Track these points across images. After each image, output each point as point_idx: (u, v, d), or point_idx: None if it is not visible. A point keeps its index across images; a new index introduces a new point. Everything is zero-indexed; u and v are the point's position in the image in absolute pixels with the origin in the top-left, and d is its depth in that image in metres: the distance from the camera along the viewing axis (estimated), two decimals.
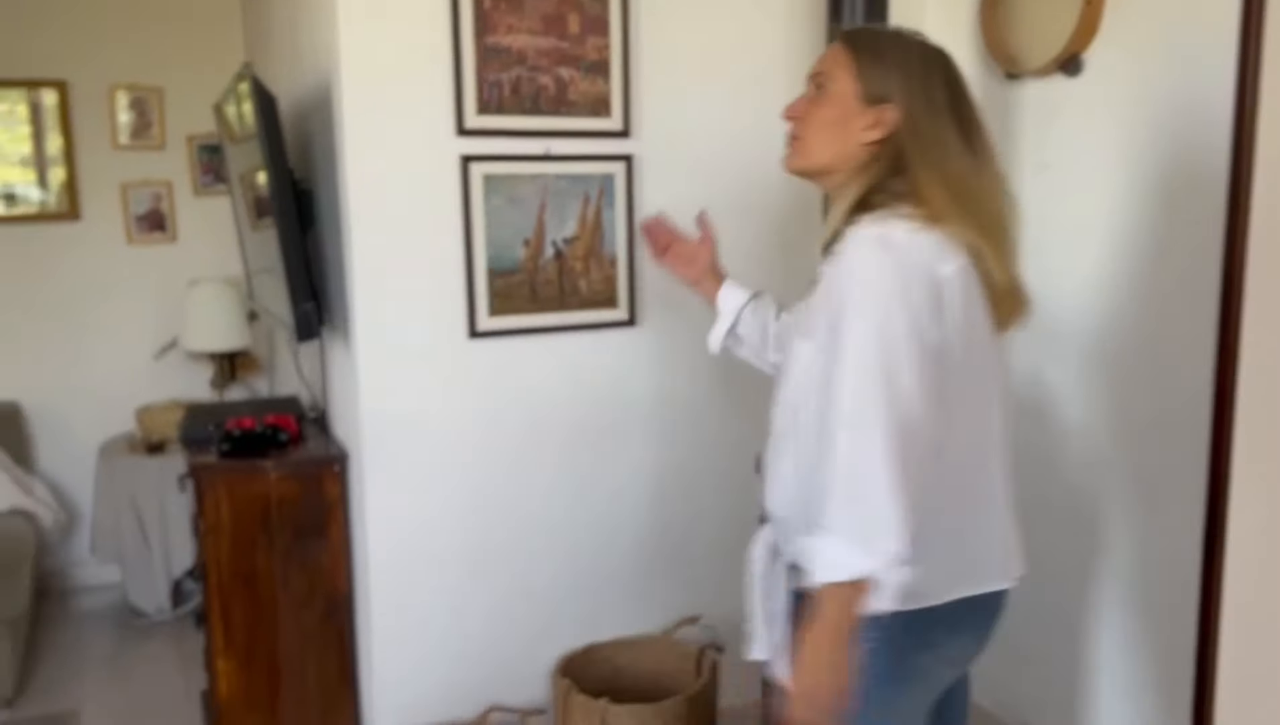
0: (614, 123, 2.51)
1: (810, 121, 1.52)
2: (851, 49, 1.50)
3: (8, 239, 3.69)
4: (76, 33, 3.68)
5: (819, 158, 1.52)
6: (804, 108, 1.54)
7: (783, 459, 1.54)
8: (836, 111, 1.48)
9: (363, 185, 2.32)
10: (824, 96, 1.50)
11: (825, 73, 1.52)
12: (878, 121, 1.46)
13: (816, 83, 1.53)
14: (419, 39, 2.31)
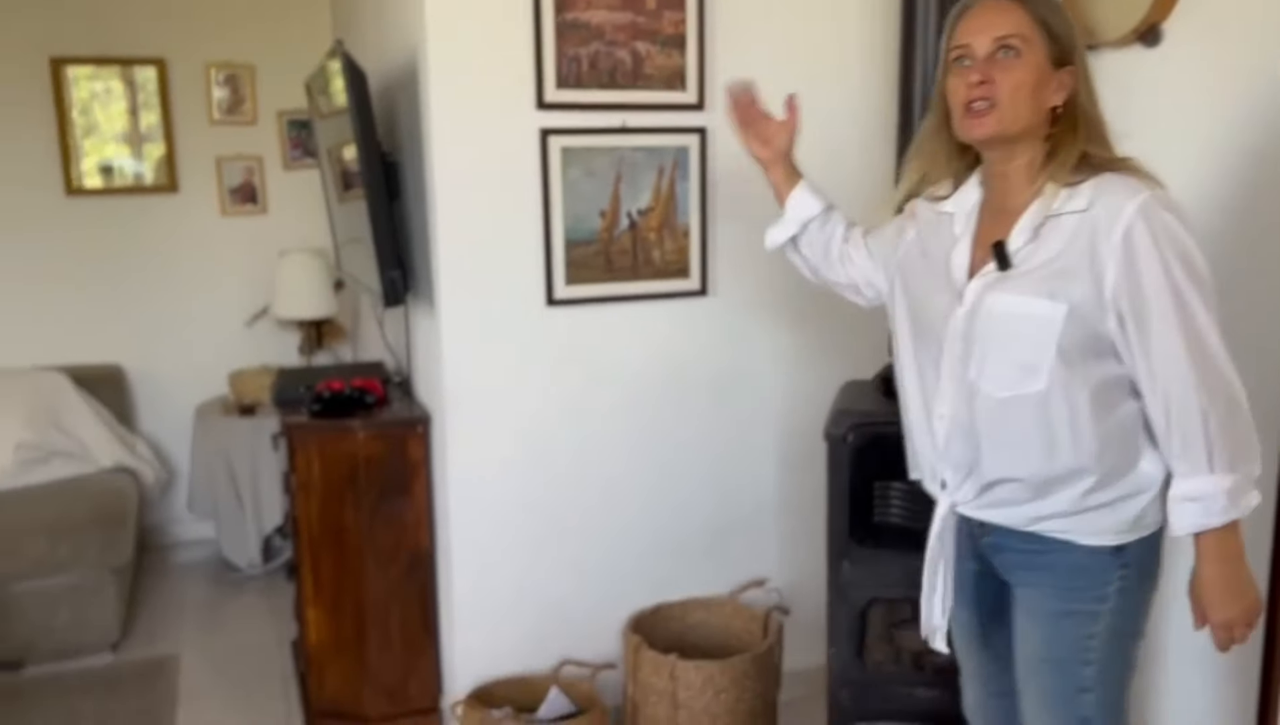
0: (689, 96, 2.57)
1: (1006, 87, 1.47)
2: (1033, 12, 1.48)
3: (110, 211, 3.88)
4: (174, 13, 3.84)
5: (1018, 123, 1.48)
6: (995, 73, 1.48)
7: (1018, 421, 1.51)
8: (1034, 76, 1.47)
9: (447, 158, 2.42)
10: (1018, 61, 1.47)
11: (1018, 35, 1.48)
12: (1062, 84, 1.48)
13: (1005, 45, 1.48)
14: (501, 15, 2.39)
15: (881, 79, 2.71)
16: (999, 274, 1.51)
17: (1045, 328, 1.46)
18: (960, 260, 1.59)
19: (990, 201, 1.59)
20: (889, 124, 2.64)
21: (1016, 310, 1.48)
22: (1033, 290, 1.47)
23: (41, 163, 3.77)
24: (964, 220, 1.62)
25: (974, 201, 1.62)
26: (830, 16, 2.67)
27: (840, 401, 2.33)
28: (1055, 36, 1.47)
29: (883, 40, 2.69)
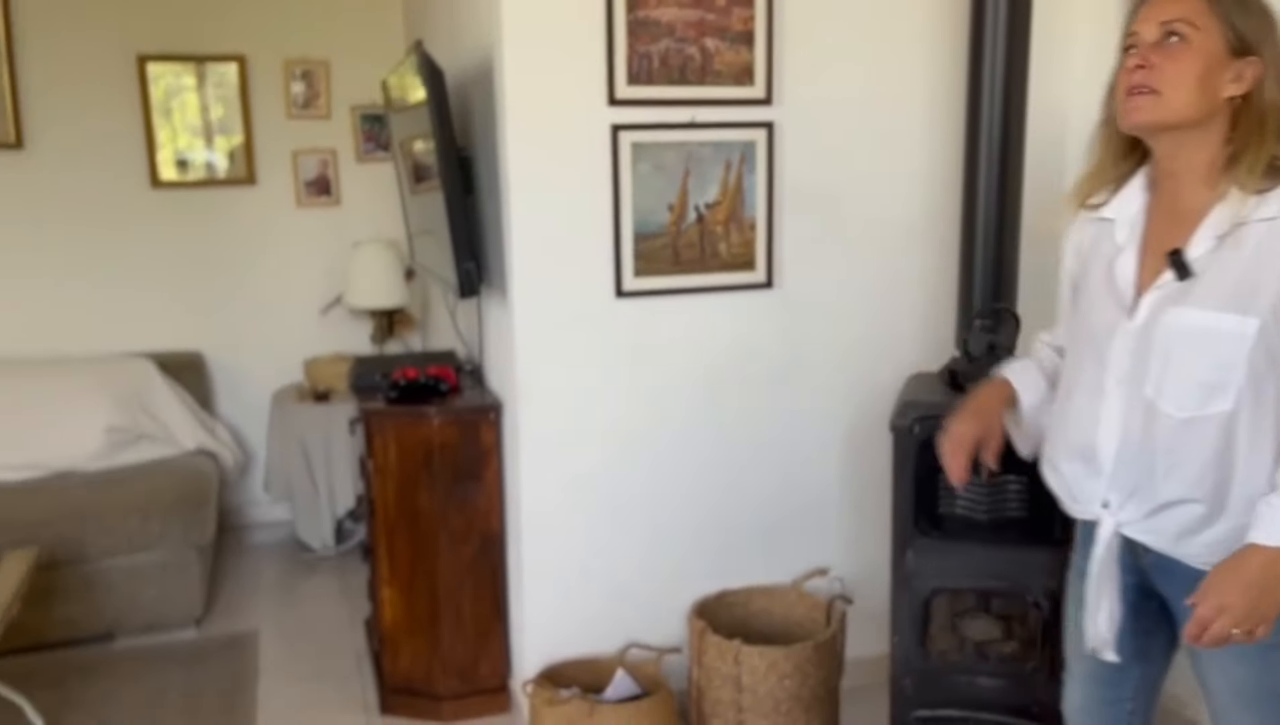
0: (757, 91, 2.60)
1: (1168, 73, 1.41)
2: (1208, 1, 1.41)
3: (191, 202, 4.03)
4: (254, 12, 3.97)
5: (1181, 112, 1.41)
6: (1158, 58, 1.42)
7: (1199, 441, 1.43)
8: (1201, 63, 1.40)
9: (521, 154, 2.48)
10: (1185, 47, 1.41)
11: (1185, 20, 1.41)
12: (1240, 75, 1.40)
13: (1172, 31, 1.42)
14: (575, 15, 2.45)
15: (950, 73, 2.72)
16: (1178, 285, 1.43)
17: (1234, 344, 1.38)
18: (1125, 270, 1.51)
19: (1159, 205, 1.50)
20: (956, 118, 2.66)
21: (1201, 325, 1.40)
22: (1219, 304, 1.39)
23: (128, 156, 3.92)
24: (1128, 227, 1.53)
25: (1139, 206, 1.53)
26: (897, 8, 2.68)
27: (906, 393, 2.36)
28: (1233, 23, 1.39)
29: (950, 24, 2.70)
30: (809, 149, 2.67)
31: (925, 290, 2.80)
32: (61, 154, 3.83)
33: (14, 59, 3.71)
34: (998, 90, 2.34)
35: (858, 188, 2.73)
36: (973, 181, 2.39)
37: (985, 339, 2.27)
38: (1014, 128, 2.36)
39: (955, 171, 2.64)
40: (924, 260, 2.80)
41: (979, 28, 2.33)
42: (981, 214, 2.37)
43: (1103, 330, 1.51)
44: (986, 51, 2.33)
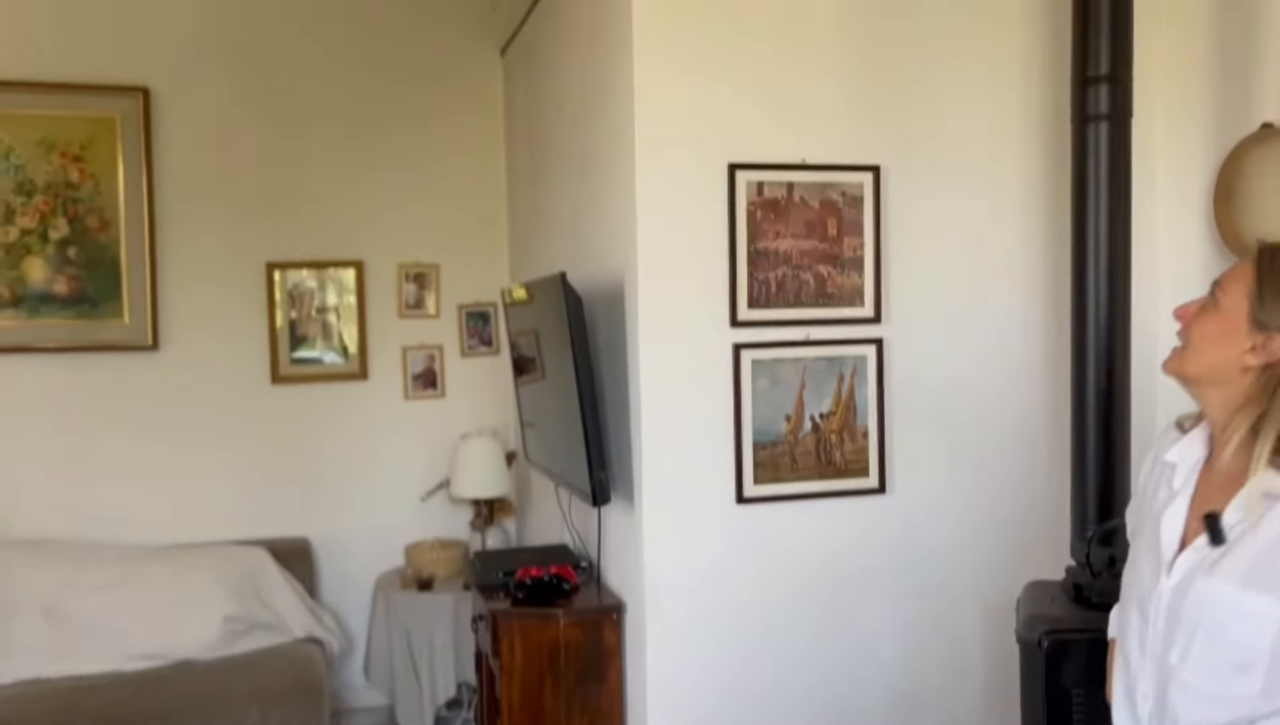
0: (866, 310, 2.80)
1: (1194, 330, 1.48)
2: (1256, 267, 1.44)
3: (306, 396, 4.27)
4: (373, 221, 4.30)
5: (1193, 367, 1.47)
6: (1193, 313, 1.50)
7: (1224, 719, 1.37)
8: (1222, 327, 1.44)
9: (651, 370, 2.68)
10: (1214, 308, 1.46)
11: (1222, 285, 1.47)
12: (1259, 348, 1.40)
13: (1212, 292, 1.49)
14: (701, 246, 2.69)
15: (1049, 290, 2.91)
16: (1210, 551, 1.39)
17: (1260, 626, 1.32)
18: (1173, 523, 1.48)
19: (1211, 460, 1.49)
20: (1058, 332, 2.82)
21: (1227, 601, 1.35)
22: (1246, 581, 1.33)
23: (252, 354, 4.19)
24: (1185, 475, 1.51)
25: (1199, 456, 1.51)
26: (994, 236, 2.90)
27: (1029, 604, 2.44)
28: (1262, 297, 1.41)
29: (1045, 250, 2.90)
30: (916, 362, 2.85)
31: (1036, 495, 2.91)
32: (192, 354, 4.11)
33: (156, 271, 4.03)
34: (1102, 307, 2.49)
35: (964, 398, 2.89)
36: (1081, 395, 2.52)
37: (1105, 553, 2.37)
38: (1119, 341, 2.50)
39: (1061, 382, 2.79)
40: (1033, 467, 2.92)
41: (1081, 254, 2.51)
42: (1092, 427, 2.50)
43: (1145, 583, 1.48)
44: (1090, 273, 2.50)
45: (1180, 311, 1.52)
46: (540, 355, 3.26)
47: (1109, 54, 2.41)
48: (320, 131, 4.22)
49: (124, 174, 3.97)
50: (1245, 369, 1.41)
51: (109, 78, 3.96)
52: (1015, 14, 2.87)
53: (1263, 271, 1.43)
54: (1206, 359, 1.46)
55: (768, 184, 2.72)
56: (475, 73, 4.40)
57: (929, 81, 2.82)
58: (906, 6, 2.80)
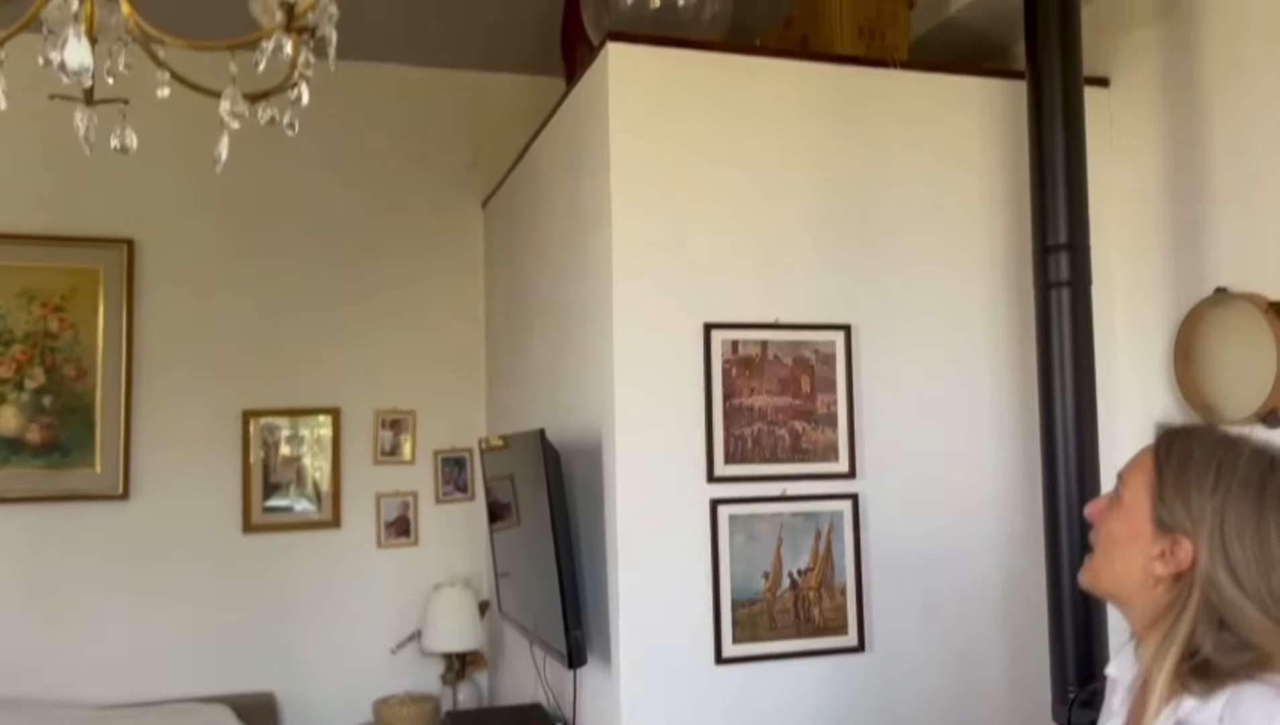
0: (841, 466, 2.83)
1: (1101, 532, 1.34)
2: (1155, 458, 1.29)
3: (279, 546, 4.20)
4: (351, 368, 4.33)
5: (1104, 581, 1.33)
6: (1101, 511, 1.36)
7: None
8: (1127, 528, 1.29)
9: (629, 526, 2.68)
10: (1119, 505, 1.32)
11: (1124, 477, 1.33)
12: (1167, 554, 1.24)
13: (1117, 485, 1.34)
14: (678, 401, 2.73)
15: (1021, 444, 2.96)
16: None
17: None
18: None
19: (1141, 676, 1.30)
20: (1033, 487, 2.85)
21: None
22: None
23: (224, 503, 4.14)
24: (1123, 693, 1.36)
25: (1136, 671, 1.33)
26: (967, 389, 2.96)
27: None
28: (1162, 494, 1.25)
29: (1019, 407, 2.96)
30: (892, 518, 2.86)
31: (1015, 652, 2.89)
32: (163, 503, 4.06)
33: (131, 419, 4.02)
34: (1072, 468, 2.54)
35: (941, 554, 2.90)
36: (1056, 557, 2.55)
37: (1086, 715, 2.35)
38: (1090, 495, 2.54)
39: (1036, 539, 2.81)
40: (1012, 623, 2.91)
41: (1049, 417, 2.58)
42: (1067, 588, 2.51)
43: None
44: (1058, 436, 2.55)
45: (1090, 509, 1.38)
46: (517, 504, 3.25)
47: (1067, 223, 2.53)
48: (301, 280, 4.28)
49: (104, 324, 4.00)
50: (1157, 579, 1.26)
51: (94, 230, 4.03)
52: (979, 181, 3.01)
53: (1161, 462, 1.28)
54: (1116, 569, 1.31)
55: (742, 342, 2.79)
56: (456, 224, 4.51)
57: (898, 244, 2.93)
58: (876, 174, 2.93)
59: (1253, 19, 2.64)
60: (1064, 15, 2.60)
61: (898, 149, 2.95)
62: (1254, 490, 1.21)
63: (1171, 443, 1.30)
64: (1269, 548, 1.19)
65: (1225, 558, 1.19)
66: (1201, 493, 1.23)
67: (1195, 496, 1.23)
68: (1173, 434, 1.32)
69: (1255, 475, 1.22)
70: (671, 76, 2.78)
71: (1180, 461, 1.26)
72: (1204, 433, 1.30)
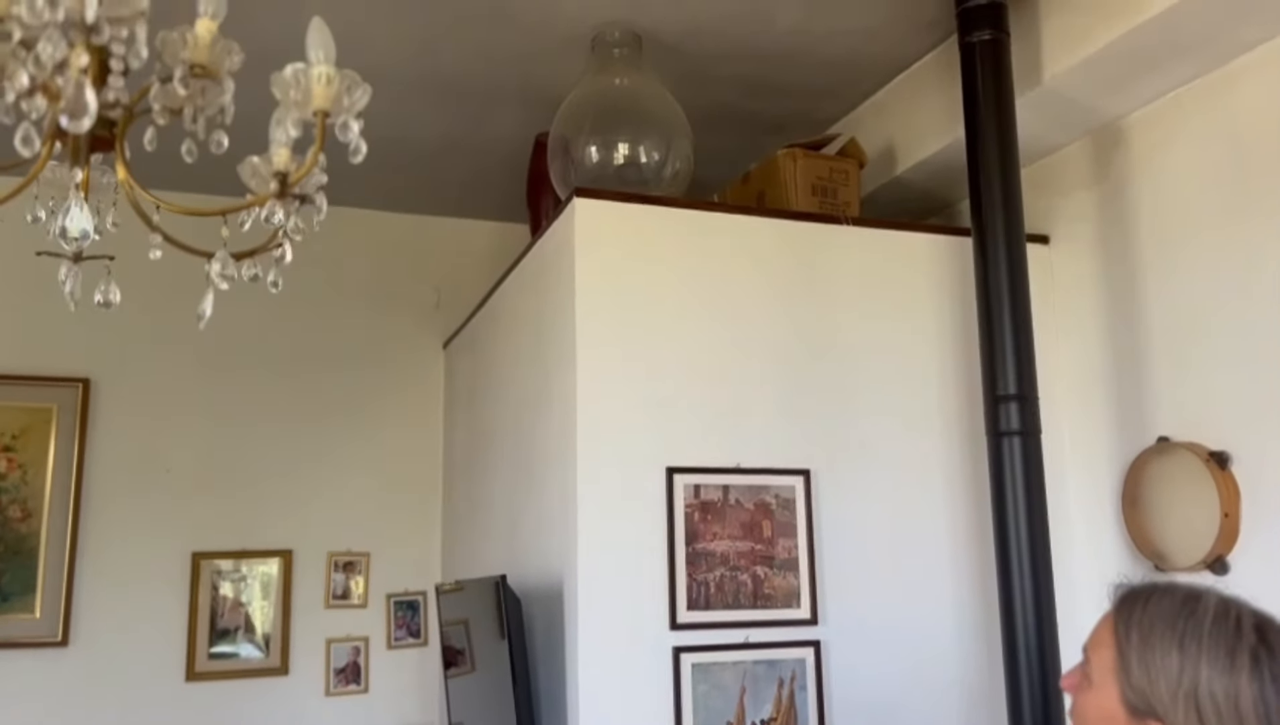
0: (803, 612, 2.84)
1: (1078, 712, 1.28)
2: (1115, 635, 1.23)
3: (221, 694, 4.05)
4: (304, 509, 4.27)
5: None
6: (1075, 687, 1.29)
7: None
8: (1099, 711, 1.23)
9: (590, 674, 2.64)
10: (1089, 685, 1.26)
11: (1089, 651, 1.27)
12: None
13: (1083, 661, 1.28)
14: (641, 546, 2.73)
15: (978, 580, 2.99)
16: None
17: None
18: None
19: None
20: (990, 622, 2.87)
21: None
22: None
23: (167, 649, 4.00)
24: None
25: None
26: (926, 528, 3.00)
27: None
28: (1128, 672, 1.20)
29: (980, 535, 3.01)
30: (854, 663, 2.86)
31: None
32: (104, 650, 3.92)
33: (75, 562, 3.91)
34: (1029, 613, 2.57)
35: (902, 700, 2.88)
36: (1017, 705, 2.55)
37: None
38: (1048, 647, 2.56)
39: (997, 683, 2.82)
40: None
41: (1005, 563, 2.62)
42: None
43: None
44: (1015, 581, 2.59)
45: (1064, 684, 1.32)
46: (473, 650, 3.19)
47: (1015, 374, 2.63)
48: (258, 418, 4.26)
49: (54, 462, 3.93)
50: None
51: (50, 369, 4.00)
52: (931, 329, 3.12)
53: (1121, 641, 1.21)
54: None
55: (704, 486, 2.82)
56: (417, 364, 4.54)
57: (855, 390, 3.01)
58: (832, 323, 3.03)
59: (1175, 187, 2.83)
60: (1005, 177, 2.77)
61: (852, 300, 3.07)
62: (1223, 661, 1.14)
63: (1130, 615, 1.22)
64: (1245, 720, 1.12)
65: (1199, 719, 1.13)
66: (1169, 674, 1.15)
67: (1163, 680, 1.16)
68: (1130, 601, 1.24)
69: (1222, 645, 1.15)
70: (635, 229, 2.89)
71: (1141, 639, 1.19)
72: (1161, 597, 1.22)
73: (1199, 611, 1.18)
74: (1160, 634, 1.18)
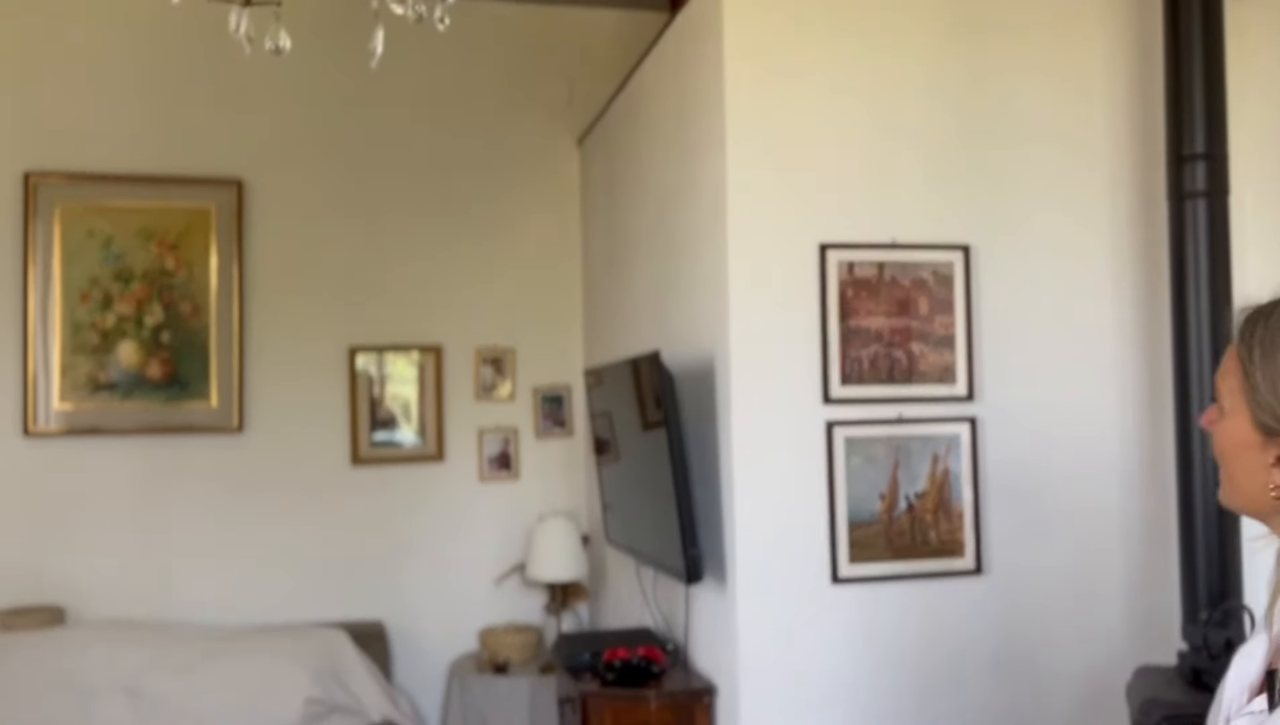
0: (959, 389, 2.80)
1: (1218, 446, 1.20)
2: (1238, 354, 1.16)
3: (384, 478, 4.31)
4: (452, 308, 4.39)
5: (1237, 499, 1.19)
6: (1213, 423, 1.21)
7: None
8: (1235, 439, 1.16)
9: (744, 447, 2.69)
10: (1223, 416, 1.18)
11: (1219, 385, 1.20)
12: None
13: (1216, 398, 1.21)
14: (793, 323, 2.71)
15: (1145, 358, 2.89)
16: (1265, 715, 1.12)
17: None
18: (1244, 667, 1.19)
19: None
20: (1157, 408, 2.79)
21: None
22: None
23: (333, 437, 4.25)
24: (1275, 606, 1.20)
25: None
26: (1085, 312, 2.89)
27: (1142, 689, 2.37)
28: (1258, 400, 1.12)
29: (1142, 329, 2.89)
30: (1011, 441, 2.82)
31: (1138, 579, 2.84)
32: (276, 437, 4.18)
33: (244, 355, 4.14)
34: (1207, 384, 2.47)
35: (1060, 477, 2.85)
36: (1188, 478, 2.49)
37: (1222, 635, 2.30)
38: None
39: (1158, 460, 2.75)
40: (1136, 549, 2.86)
41: (1182, 331, 2.51)
42: (1200, 507, 2.46)
43: None
44: (1192, 349, 2.49)
45: (1204, 420, 1.24)
46: (627, 434, 3.28)
47: (1204, 132, 2.44)
48: (401, 220, 4.34)
49: (216, 262, 4.11)
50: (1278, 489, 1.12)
51: (205, 171, 4.13)
52: (1102, 93, 2.91)
53: (1245, 362, 1.14)
54: (1242, 485, 1.17)
55: (858, 263, 2.76)
56: (552, 162, 4.52)
57: (1018, 161, 2.86)
58: (994, 88, 2.86)
59: None
60: None
61: (1014, 62, 2.87)
62: None
63: (1252, 333, 1.14)
64: None
65: None
66: None
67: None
68: (1252, 321, 1.16)
69: None
70: None
71: (1264, 354, 1.12)
72: None
73: None
74: None
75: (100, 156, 4.05)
